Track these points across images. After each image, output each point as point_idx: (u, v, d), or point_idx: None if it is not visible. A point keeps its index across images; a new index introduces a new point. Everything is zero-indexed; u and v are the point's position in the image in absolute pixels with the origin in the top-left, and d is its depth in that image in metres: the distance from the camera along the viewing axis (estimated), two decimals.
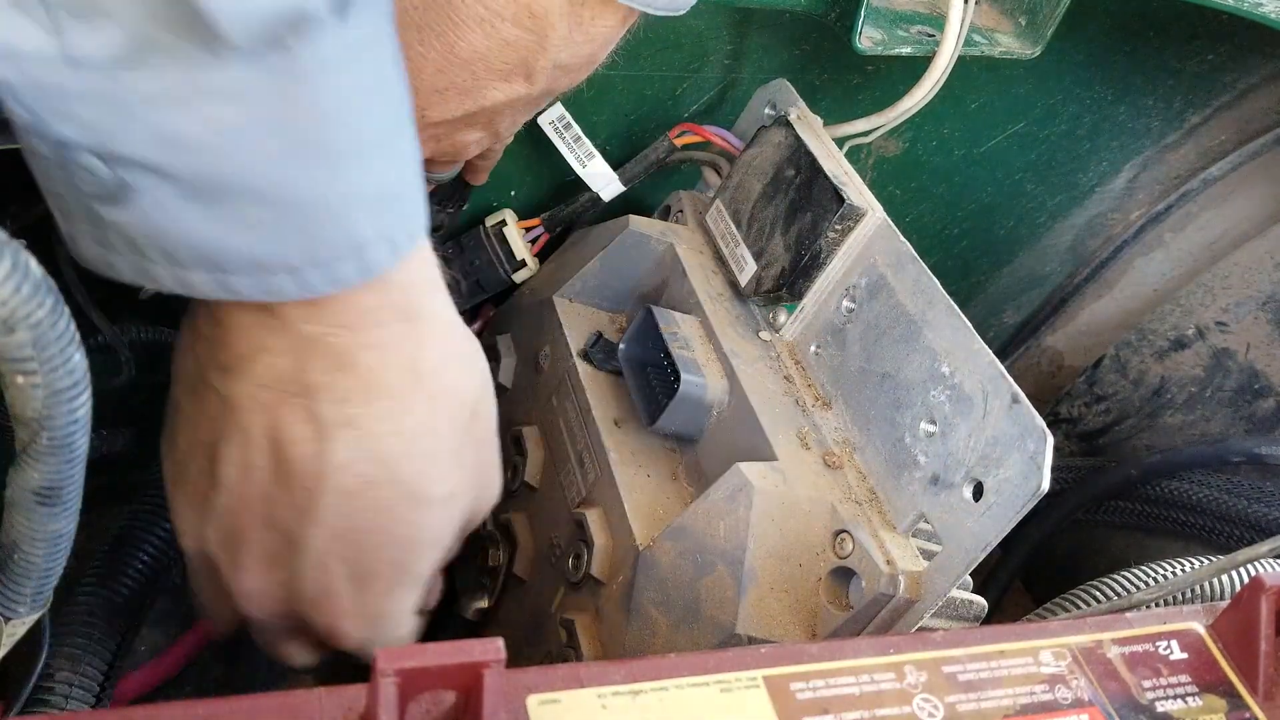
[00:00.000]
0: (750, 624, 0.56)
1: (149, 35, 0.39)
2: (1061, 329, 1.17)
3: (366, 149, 0.46)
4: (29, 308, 0.37)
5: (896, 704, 0.46)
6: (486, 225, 0.82)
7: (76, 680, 0.63)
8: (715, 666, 0.46)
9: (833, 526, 0.57)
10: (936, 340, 0.59)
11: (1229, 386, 1.00)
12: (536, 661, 0.67)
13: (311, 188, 0.44)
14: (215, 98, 0.41)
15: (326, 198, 0.45)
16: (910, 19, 0.80)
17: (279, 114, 0.42)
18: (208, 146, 0.42)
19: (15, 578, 0.45)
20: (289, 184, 0.44)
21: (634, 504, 0.64)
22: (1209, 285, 1.04)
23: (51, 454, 0.41)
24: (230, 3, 0.39)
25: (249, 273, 0.45)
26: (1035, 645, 0.49)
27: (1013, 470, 0.53)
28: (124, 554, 0.72)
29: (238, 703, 0.40)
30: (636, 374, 0.69)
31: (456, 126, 0.63)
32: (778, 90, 0.80)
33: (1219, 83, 1.02)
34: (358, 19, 0.43)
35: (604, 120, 0.83)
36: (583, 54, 0.60)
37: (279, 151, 0.43)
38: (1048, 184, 1.06)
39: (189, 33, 0.39)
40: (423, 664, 0.38)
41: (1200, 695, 0.49)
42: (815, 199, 0.69)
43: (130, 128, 0.41)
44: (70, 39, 0.39)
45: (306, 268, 0.46)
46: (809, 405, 0.65)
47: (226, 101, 0.41)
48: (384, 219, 0.47)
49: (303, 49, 0.41)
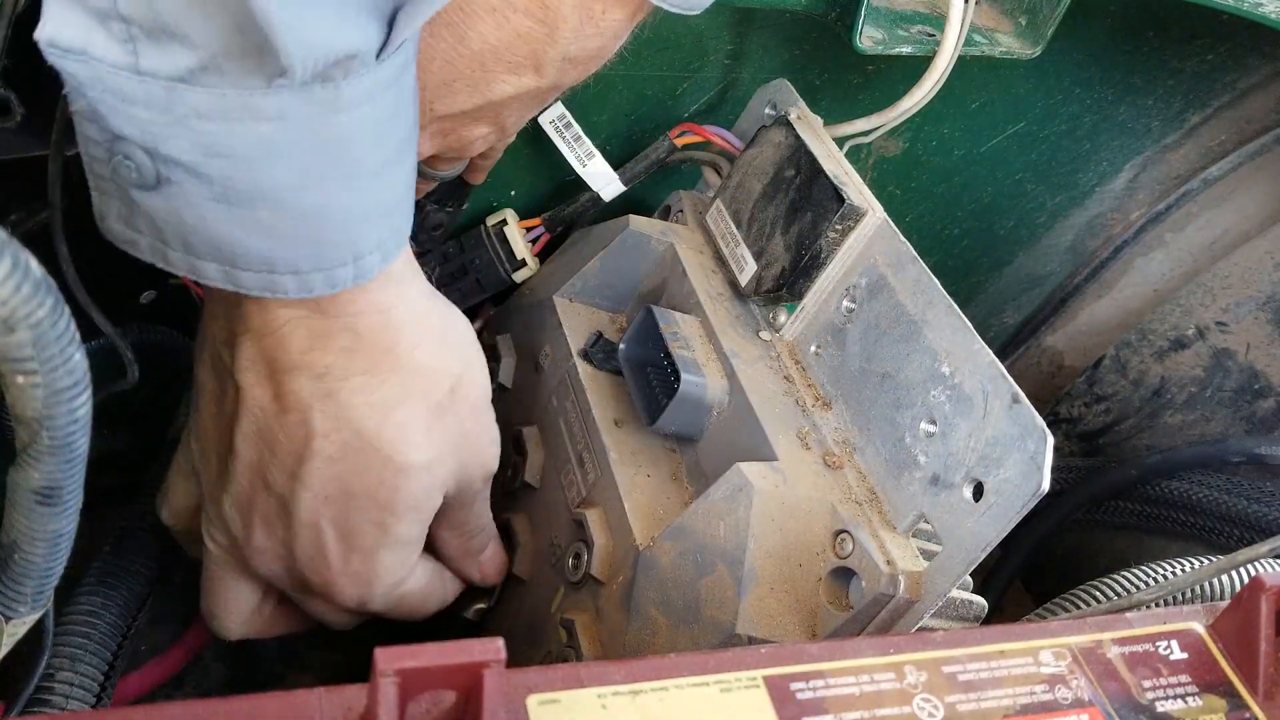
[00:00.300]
0: (750, 624, 0.56)
1: (216, 62, 0.44)
2: (1061, 329, 1.17)
3: (379, 170, 0.51)
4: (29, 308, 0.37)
5: (896, 704, 0.46)
6: (487, 225, 0.82)
7: (77, 680, 0.63)
8: (715, 666, 0.46)
9: (833, 526, 0.57)
10: (936, 340, 0.59)
11: (1229, 386, 1.00)
12: (536, 661, 0.67)
13: (328, 203, 0.49)
14: (260, 118, 0.46)
15: (340, 213, 0.50)
16: (910, 19, 0.80)
17: (313, 137, 0.47)
18: (244, 159, 0.47)
19: (15, 578, 0.45)
20: (309, 199, 0.49)
21: (634, 504, 0.64)
22: (1209, 285, 1.04)
23: (51, 454, 0.41)
24: (299, 43, 0.44)
25: (257, 270, 0.51)
26: (1035, 645, 0.49)
27: (1013, 470, 0.53)
28: (124, 554, 0.72)
29: (238, 703, 0.40)
30: (636, 374, 0.69)
31: (463, 121, 0.63)
32: (778, 90, 0.80)
33: (1219, 83, 1.02)
34: (392, 57, 0.48)
35: (604, 120, 0.83)
36: (592, 47, 0.60)
37: (306, 169, 0.48)
38: (1048, 184, 1.06)
39: (253, 63, 0.44)
40: (423, 664, 0.38)
41: (1200, 695, 0.49)
42: (815, 199, 0.69)
43: (179, 134, 0.46)
44: (143, 55, 0.44)
45: (310, 272, 0.51)
46: (809, 405, 0.65)
47: (269, 122, 0.46)
48: (381, 231, 0.53)
49: (345, 84, 0.46)
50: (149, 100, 0.45)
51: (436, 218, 0.79)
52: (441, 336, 0.59)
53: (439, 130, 0.63)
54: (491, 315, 0.85)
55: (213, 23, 0.44)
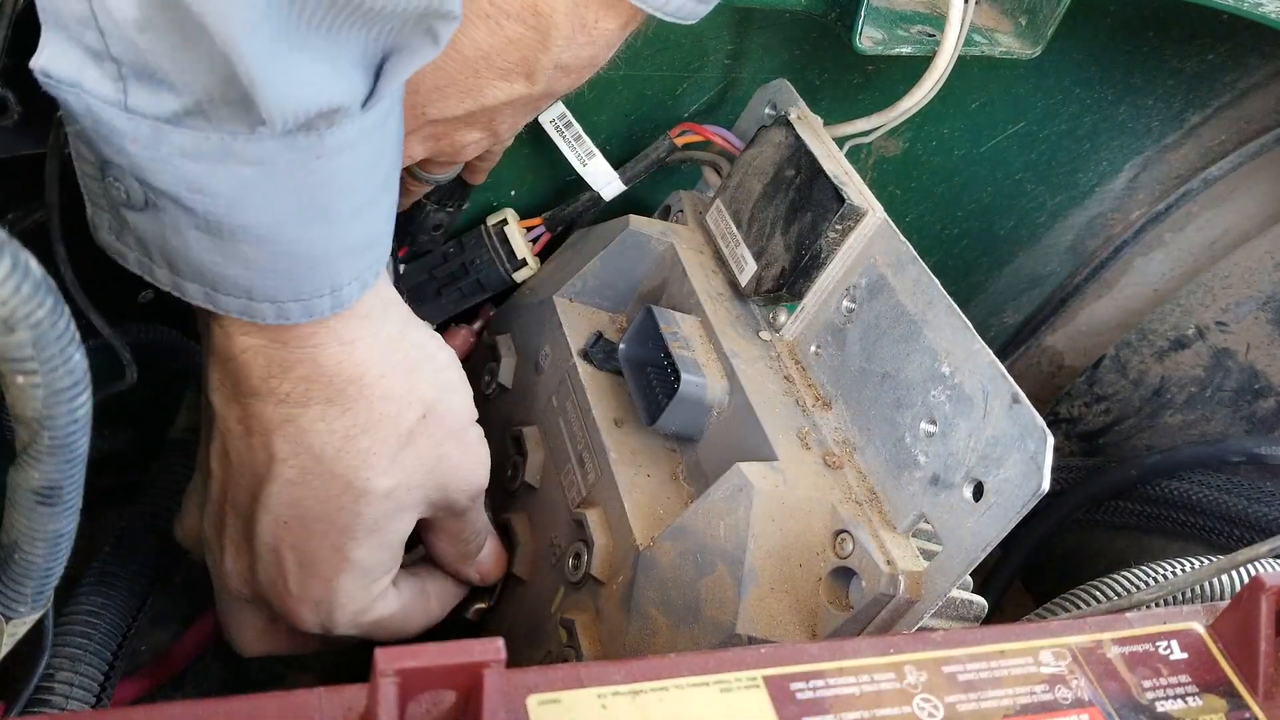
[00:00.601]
0: (750, 624, 0.56)
1: (201, 107, 0.46)
2: (1061, 329, 1.17)
3: (359, 210, 0.52)
4: (29, 308, 0.37)
5: (896, 704, 0.46)
6: (487, 224, 0.82)
7: (77, 680, 0.63)
8: (715, 666, 0.46)
9: (833, 526, 0.57)
10: (936, 340, 0.59)
11: (1229, 386, 1.00)
12: (536, 661, 0.67)
13: (308, 242, 0.51)
14: (242, 161, 0.47)
15: (319, 250, 0.52)
16: (910, 19, 0.80)
17: (294, 181, 0.49)
18: (225, 198, 0.48)
19: (16, 578, 0.45)
20: (289, 237, 0.50)
21: (634, 504, 0.64)
22: (1209, 285, 1.04)
23: (51, 454, 0.41)
24: (281, 99, 0.45)
25: (237, 296, 0.52)
26: (1035, 645, 0.49)
27: (1013, 470, 0.53)
28: (124, 554, 0.72)
29: (238, 703, 0.40)
30: (636, 374, 0.69)
31: (455, 126, 0.63)
32: (778, 90, 0.80)
33: (1219, 83, 1.02)
34: (377, 107, 0.49)
35: (604, 120, 0.83)
36: (584, 55, 0.60)
37: (286, 210, 0.49)
38: (1048, 184, 1.06)
39: (237, 111, 0.46)
40: (423, 664, 0.38)
41: (1200, 695, 0.49)
42: (815, 199, 0.69)
43: (165, 169, 0.47)
44: (132, 94, 0.45)
45: (288, 302, 0.53)
46: (809, 405, 0.65)
47: (250, 166, 0.47)
48: (360, 264, 0.54)
49: (329, 133, 0.48)
50: (136, 136, 0.46)
51: (437, 218, 0.79)
52: (413, 366, 0.59)
53: (431, 135, 0.63)
54: (491, 315, 0.85)
55: (198, 72, 0.45)
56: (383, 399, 0.58)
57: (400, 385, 0.58)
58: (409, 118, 0.60)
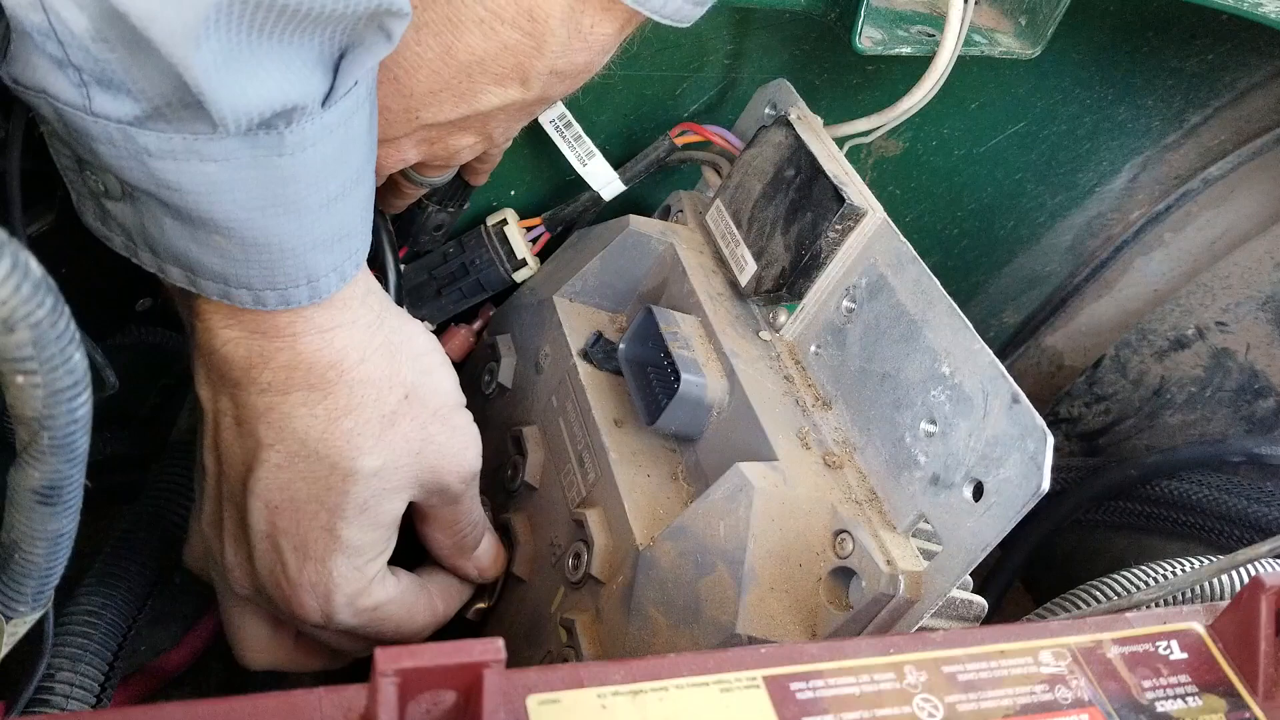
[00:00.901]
0: (750, 624, 0.56)
1: (160, 112, 0.47)
2: (1061, 329, 1.17)
3: (328, 204, 0.53)
4: (29, 307, 0.37)
5: (896, 704, 0.46)
6: (487, 224, 0.82)
7: (77, 680, 0.63)
8: (715, 666, 0.46)
9: (833, 526, 0.57)
10: (936, 340, 0.59)
11: (1229, 386, 1.00)
12: (536, 661, 0.67)
13: (278, 235, 0.52)
14: (206, 159, 0.48)
15: (290, 243, 0.53)
16: (910, 19, 0.80)
17: (260, 177, 0.50)
18: (193, 193, 0.49)
19: (16, 577, 0.45)
20: (259, 230, 0.52)
21: (634, 504, 0.64)
22: (1209, 285, 1.04)
23: (51, 454, 0.41)
24: (232, 105, 0.46)
25: (215, 281, 0.54)
26: (1035, 645, 0.49)
27: (1013, 470, 0.53)
28: (124, 554, 0.72)
29: (238, 703, 0.40)
30: (636, 374, 0.69)
31: (449, 130, 0.63)
32: (778, 90, 0.80)
33: (1219, 83, 1.02)
34: (339, 103, 0.50)
35: (604, 120, 0.83)
36: (579, 61, 0.60)
37: (255, 205, 0.51)
38: (1048, 184, 1.06)
39: (195, 114, 0.47)
40: (423, 664, 0.38)
41: (1200, 695, 0.49)
42: (815, 199, 0.69)
43: (135, 167, 0.49)
44: (95, 100, 0.47)
45: (263, 289, 0.54)
46: (809, 405, 0.65)
47: (214, 163, 0.49)
48: (336, 255, 0.55)
49: (289, 132, 0.49)
50: (105, 137, 0.48)
51: (437, 218, 0.79)
52: (392, 350, 0.60)
53: (425, 138, 0.63)
54: (491, 315, 0.85)
55: (152, 80, 0.46)
56: (362, 383, 0.59)
57: (379, 369, 0.59)
58: (402, 121, 0.60)
